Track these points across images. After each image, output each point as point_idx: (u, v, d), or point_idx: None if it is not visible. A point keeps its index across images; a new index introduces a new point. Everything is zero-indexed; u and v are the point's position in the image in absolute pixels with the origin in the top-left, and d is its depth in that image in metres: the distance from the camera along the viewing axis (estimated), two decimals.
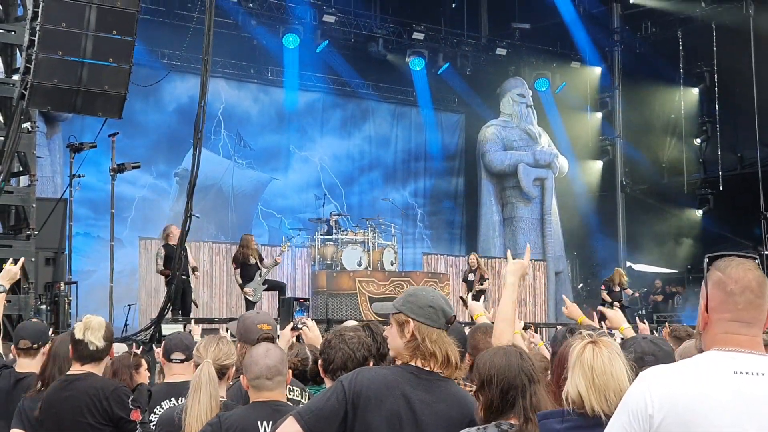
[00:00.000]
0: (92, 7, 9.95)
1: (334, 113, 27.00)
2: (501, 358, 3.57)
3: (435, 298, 3.85)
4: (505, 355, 3.58)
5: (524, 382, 3.51)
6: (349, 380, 3.68)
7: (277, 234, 24.97)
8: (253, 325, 5.22)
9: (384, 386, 3.66)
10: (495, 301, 24.15)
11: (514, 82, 27.64)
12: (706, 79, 26.61)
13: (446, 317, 3.82)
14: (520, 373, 3.52)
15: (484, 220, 27.45)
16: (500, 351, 3.63)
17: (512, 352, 3.62)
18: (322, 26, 24.82)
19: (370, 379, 3.68)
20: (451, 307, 3.86)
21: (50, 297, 12.80)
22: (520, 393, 3.49)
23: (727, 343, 2.65)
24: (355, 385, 3.64)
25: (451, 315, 3.83)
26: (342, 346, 4.46)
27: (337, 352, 4.45)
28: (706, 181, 26.75)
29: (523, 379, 3.52)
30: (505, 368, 3.52)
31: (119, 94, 10.40)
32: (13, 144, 10.92)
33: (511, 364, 3.54)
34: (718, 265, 2.72)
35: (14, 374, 5.82)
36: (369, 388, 3.63)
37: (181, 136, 20.92)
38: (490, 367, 3.54)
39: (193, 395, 4.29)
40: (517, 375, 3.52)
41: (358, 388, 3.62)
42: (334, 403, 3.61)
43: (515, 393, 3.49)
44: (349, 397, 3.60)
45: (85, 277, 19.01)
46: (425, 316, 3.80)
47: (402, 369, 3.76)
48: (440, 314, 3.81)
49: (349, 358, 4.41)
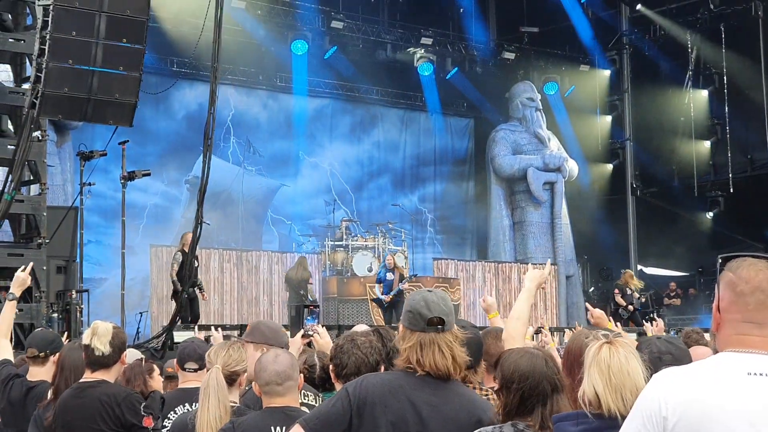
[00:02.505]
0: (102, 16, 9.99)
1: (342, 119, 27.03)
2: (527, 361, 3.53)
3: (415, 302, 3.79)
4: (531, 358, 3.54)
5: (546, 389, 3.48)
6: (354, 386, 3.69)
7: (287, 240, 25.01)
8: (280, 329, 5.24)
9: (389, 391, 3.66)
10: (506, 306, 24.17)
11: (523, 86, 27.61)
12: (715, 81, 26.54)
13: (424, 320, 3.74)
14: (544, 380, 3.49)
15: (494, 224, 27.42)
16: (527, 354, 3.58)
17: (539, 356, 3.57)
18: (330, 32, 24.85)
19: (374, 385, 3.69)
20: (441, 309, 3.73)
21: (62, 305, 12.80)
22: (541, 400, 3.46)
23: (740, 344, 2.64)
24: (360, 391, 3.65)
25: (428, 317, 3.72)
26: (355, 351, 4.45)
27: (350, 356, 4.44)
28: (717, 184, 26.67)
29: (546, 386, 3.48)
30: (529, 373, 3.49)
31: (130, 102, 10.43)
32: (24, 153, 10.96)
33: (536, 370, 3.50)
34: (730, 265, 2.71)
35: (26, 383, 5.83)
36: (374, 394, 3.64)
37: (191, 143, 20.97)
38: (515, 369, 3.50)
39: (202, 402, 4.30)
40: (540, 382, 3.48)
41: (363, 394, 3.63)
42: (340, 409, 3.63)
43: (536, 400, 3.46)
44: (354, 403, 3.62)
45: (97, 285, 19.09)
46: (407, 320, 3.78)
47: (406, 373, 3.74)
48: (418, 318, 3.75)
49: (362, 362, 4.41)
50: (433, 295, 3.82)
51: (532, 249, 26.95)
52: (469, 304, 23.29)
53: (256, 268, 21.26)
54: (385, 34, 25.91)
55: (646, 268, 27.40)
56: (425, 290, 3.86)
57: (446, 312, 3.76)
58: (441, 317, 3.73)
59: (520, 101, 27.48)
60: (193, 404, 4.74)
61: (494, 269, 24.40)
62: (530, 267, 4.87)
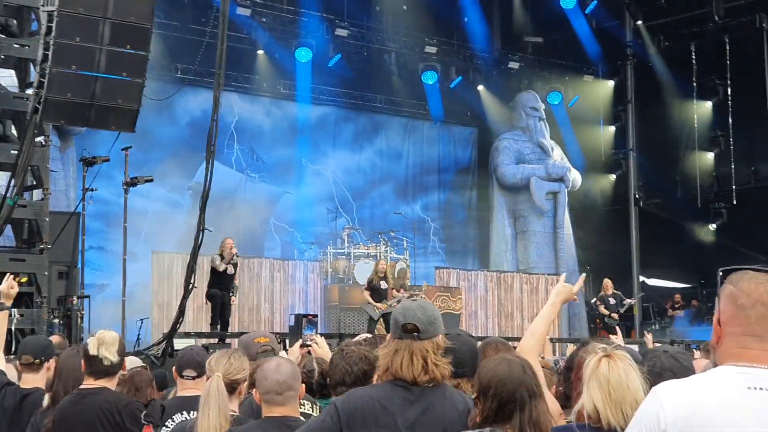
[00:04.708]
0: (106, 22, 10.01)
1: (346, 127, 27.04)
2: (504, 368, 3.51)
3: (396, 310, 3.87)
4: (508, 365, 3.53)
5: (524, 396, 3.47)
6: (342, 401, 3.76)
7: (289, 248, 24.98)
8: (250, 340, 5.32)
9: (378, 403, 3.71)
10: (508, 316, 24.14)
11: (526, 96, 27.65)
12: (719, 92, 26.54)
13: (399, 327, 3.79)
14: (521, 386, 3.48)
15: (496, 233, 27.41)
16: (504, 361, 3.57)
17: (516, 363, 3.56)
18: (334, 40, 24.87)
19: (362, 398, 3.75)
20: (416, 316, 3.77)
21: (63, 311, 12.81)
22: (519, 406, 3.45)
23: (740, 357, 2.63)
24: (348, 405, 3.71)
25: (402, 323, 3.77)
26: (341, 362, 4.61)
27: (336, 367, 4.62)
28: (720, 195, 26.66)
29: (524, 392, 3.47)
30: (507, 379, 3.47)
31: (132, 108, 10.45)
32: (27, 158, 10.97)
33: (513, 376, 3.49)
34: (731, 278, 2.70)
35: (19, 391, 5.77)
36: (363, 407, 3.69)
37: (195, 149, 20.92)
38: (491, 376, 3.49)
39: (202, 409, 4.28)
40: (517, 388, 3.47)
41: (351, 408, 3.69)
42: (329, 423, 3.69)
43: (514, 406, 3.45)
44: (344, 417, 3.67)
45: (98, 291, 19.05)
46: (390, 328, 3.88)
47: (393, 384, 3.77)
48: (395, 325, 3.83)
49: (346, 372, 4.56)
50: (414, 303, 3.90)
51: (535, 259, 26.95)
52: (470, 313, 23.25)
53: (258, 275, 21.23)
54: (389, 43, 25.93)
55: (649, 279, 27.37)
56: (410, 300, 3.91)
57: (422, 320, 3.78)
58: (415, 324, 3.76)
59: (523, 111, 27.52)
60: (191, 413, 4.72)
61: (496, 279, 24.37)
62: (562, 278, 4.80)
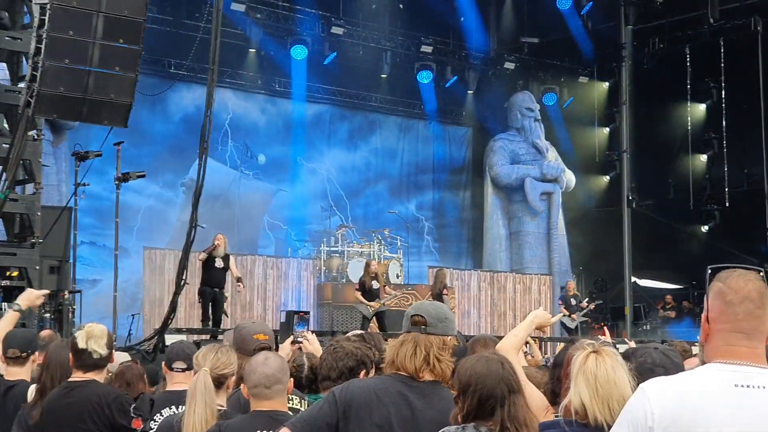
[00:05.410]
0: (99, 16, 9.98)
1: (341, 125, 27.02)
2: (483, 365, 3.53)
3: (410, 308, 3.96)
4: (486, 363, 3.54)
5: (504, 391, 3.47)
6: (340, 390, 3.79)
7: (283, 245, 24.96)
8: (249, 336, 5.22)
9: (374, 394, 3.74)
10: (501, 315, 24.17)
11: (522, 96, 27.67)
12: (713, 95, 26.60)
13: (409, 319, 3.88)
14: (501, 382, 3.48)
15: (490, 233, 27.42)
16: (482, 359, 3.58)
17: (494, 360, 3.58)
18: (330, 38, 24.85)
19: (361, 388, 3.79)
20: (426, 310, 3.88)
21: (54, 305, 12.76)
22: (499, 402, 3.46)
23: (728, 355, 2.63)
24: (346, 394, 3.74)
25: (411, 315, 3.87)
26: (327, 357, 4.69)
27: (323, 362, 4.71)
28: (713, 197, 26.71)
29: (503, 388, 3.48)
30: (485, 377, 3.48)
31: (125, 103, 10.42)
32: (19, 152, 10.94)
33: (491, 373, 3.50)
34: (720, 275, 2.70)
35: (4, 383, 5.74)
36: (360, 397, 3.72)
37: (188, 145, 20.88)
38: (471, 374, 3.50)
39: (189, 404, 4.27)
40: (497, 384, 3.48)
41: (348, 397, 3.72)
42: (327, 411, 3.72)
43: (494, 402, 3.45)
44: (341, 406, 3.70)
45: (90, 286, 19.03)
46: (404, 324, 3.93)
47: (393, 378, 3.81)
48: (407, 319, 3.91)
49: (331, 368, 4.64)
50: (429, 302, 4.03)
51: (528, 259, 26.97)
52: (463, 312, 23.25)
53: (251, 272, 21.20)
54: (385, 41, 25.90)
55: (641, 280, 27.39)
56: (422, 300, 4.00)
57: (431, 314, 3.85)
58: (423, 316, 3.83)
59: (518, 111, 27.54)
60: (179, 407, 4.71)
61: (490, 278, 24.39)
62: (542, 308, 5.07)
